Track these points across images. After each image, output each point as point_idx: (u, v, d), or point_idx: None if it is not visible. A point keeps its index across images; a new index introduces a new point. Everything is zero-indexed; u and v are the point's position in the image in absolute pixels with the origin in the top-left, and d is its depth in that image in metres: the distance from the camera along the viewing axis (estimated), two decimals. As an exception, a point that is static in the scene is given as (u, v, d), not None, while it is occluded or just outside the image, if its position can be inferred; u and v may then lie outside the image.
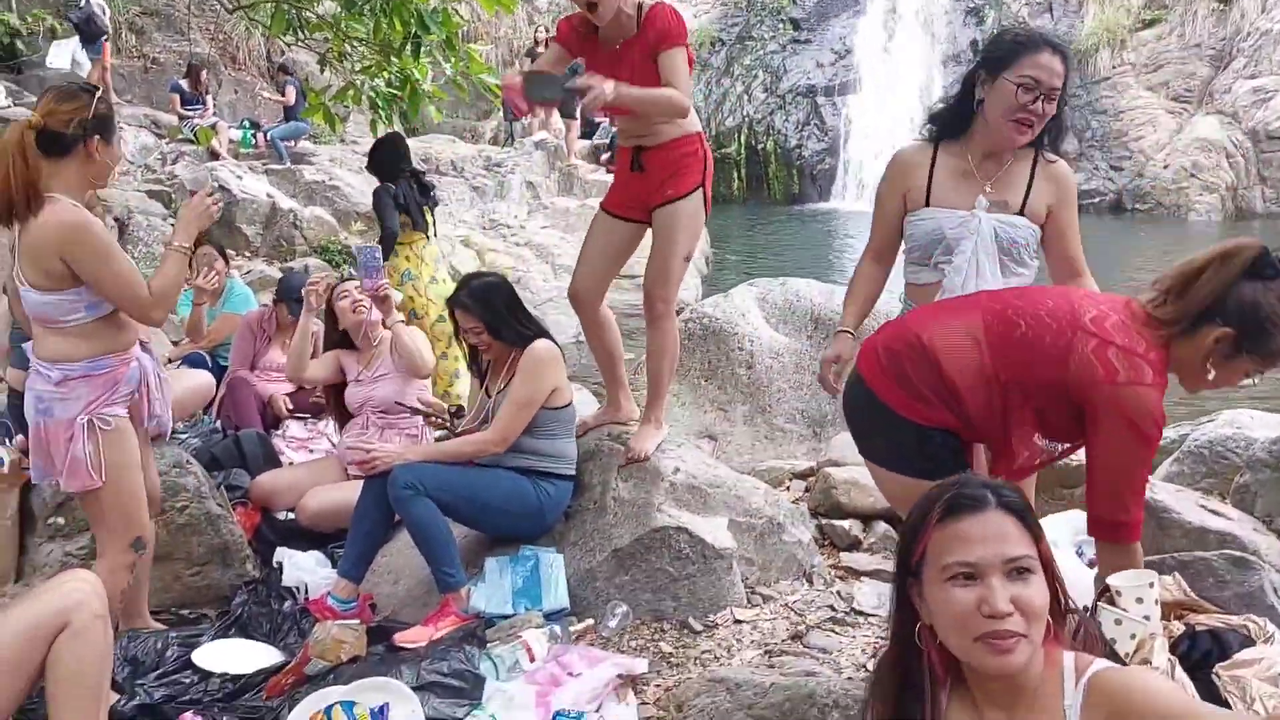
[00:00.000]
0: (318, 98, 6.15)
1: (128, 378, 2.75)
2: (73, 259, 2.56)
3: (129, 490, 2.77)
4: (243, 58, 14.81)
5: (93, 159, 2.66)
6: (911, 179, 2.56)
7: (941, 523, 1.44)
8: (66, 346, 2.65)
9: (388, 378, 4.12)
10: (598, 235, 3.36)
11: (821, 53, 20.09)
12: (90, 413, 2.66)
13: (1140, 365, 1.98)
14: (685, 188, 3.18)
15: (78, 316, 2.64)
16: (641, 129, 3.17)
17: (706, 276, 12.67)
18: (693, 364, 4.77)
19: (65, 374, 2.65)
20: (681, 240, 3.22)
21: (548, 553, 3.19)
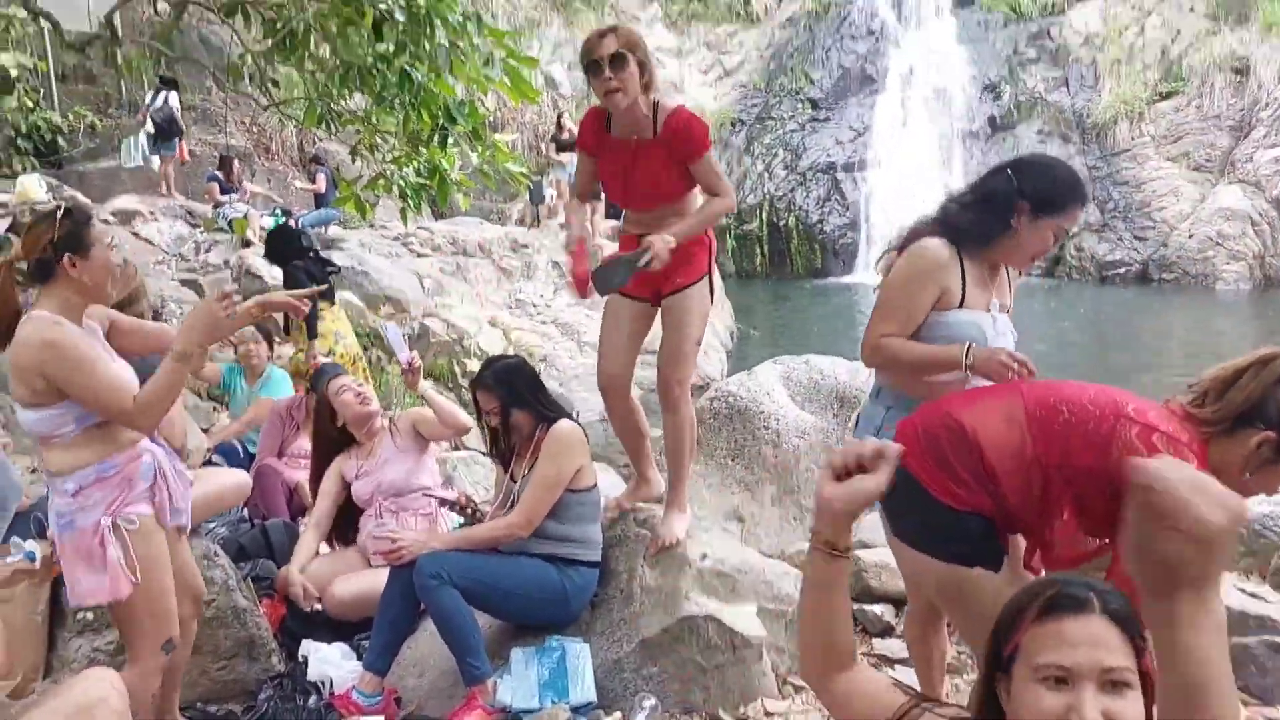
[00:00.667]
0: (349, 187, 6.30)
1: (142, 473, 2.70)
2: (52, 375, 2.52)
3: (160, 590, 2.71)
4: (276, 148, 15.23)
5: (71, 278, 2.59)
6: (949, 279, 2.58)
7: (1039, 620, 1.37)
8: (71, 457, 2.61)
9: (392, 461, 4.09)
10: (614, 320, 3.37)
11: (840, 130, 20.41)
12: (112, 514, 2.62)
13: (1185, 452, 1.97)
14: (694, 276, 3.22)
15: (69, 430, 2.59)
16: (649, 221, 3.21)
17: (731, 352, 12.71)
18: (718, 443, 4.76)
19: (79, 483, 2.61)
20: (692, 325, 3.25)
21: (574, 643, 3.15)
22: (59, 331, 2.55)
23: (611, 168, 3.22)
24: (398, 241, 12.35)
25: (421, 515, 4.04)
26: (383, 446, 4.13)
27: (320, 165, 12.67)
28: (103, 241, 2.67)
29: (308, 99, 6.10)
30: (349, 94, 5.99)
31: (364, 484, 4.07)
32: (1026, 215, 2.49)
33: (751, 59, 21.96)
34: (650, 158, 3.12)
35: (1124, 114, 18.03)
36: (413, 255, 12.13)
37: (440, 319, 10.04)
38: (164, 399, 2.59)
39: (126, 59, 10.49)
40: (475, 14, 5.19)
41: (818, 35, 21.44)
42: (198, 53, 13.14)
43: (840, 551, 1.56)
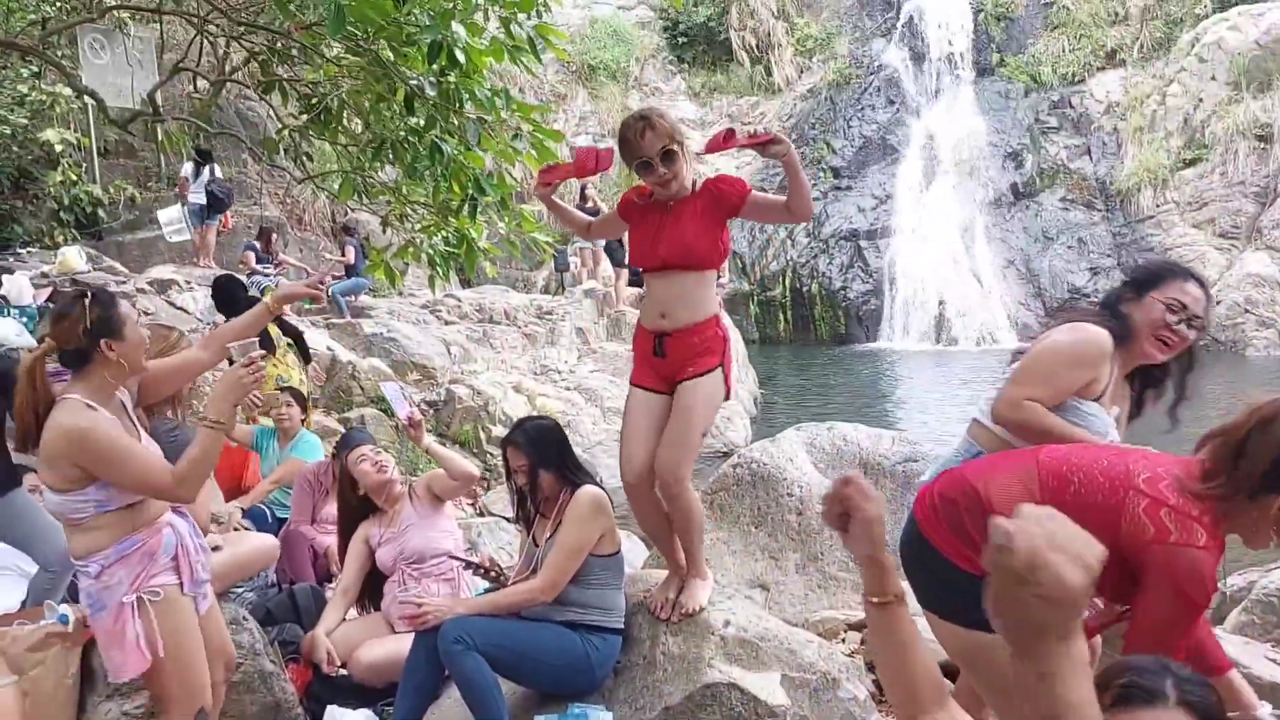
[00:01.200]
0: (379, 255, 6.45)
1: (164, 547, 2.75)
2: (85, 465, 2.58)
3: (189, 660, 2.76)
4: (309, 219, 15.59)
5: (109, 361, 2.67)
6: (1103, 370, 2.62)
7: (1112, 711, 1.31)
8: (90, 540, 2.67)
9: (413, 527, 4.12)
10: (637, 414, 3.30)
11: (862, 198, 20.64)
12: (136, 590, 2.66)
13: (1193, 528, 1.97)
14: (707, 366, 3.18)
15: (88, 514, 2.65)
16: (662, 311, 3.20)
17: (755, 418, 12.71)
18: (742, 510, 4.76)
19: (101, 564, 2.67)
20: (700, 415, 3.18)
21: (597, 710, 3.15)
22: (90, 419, 2.60)
23: (644, 228, 3.23)
24: (426, 309, 12.55)
25: (444, 580, 4.06)
26: (404, 513, 4.17)
27: (350, 235, 12.94)
28: (132, 319, 2.75)
29: (341, 172, 6.28)
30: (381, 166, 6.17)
31: (387, 551, 4.11)
32: (1130, 301, 2.62)
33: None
34: (686, 214, 3.14)
35: (1148, 181, 18.12)
36: (440, 322, 12.30)
37: (466, 385, 10.14)
38: (202, 468, 2.67)
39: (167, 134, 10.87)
40: (503, 89, 5.35)
41: (839, 105, 21.80)
42: (235, 128, 13.55)
43: (885, 599, 1.54)
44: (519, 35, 4.91)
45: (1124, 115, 19.09)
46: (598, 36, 23.70)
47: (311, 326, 10.73)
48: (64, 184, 13.30)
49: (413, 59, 5.31)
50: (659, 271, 3.21)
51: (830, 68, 22.40)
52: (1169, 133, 18.46)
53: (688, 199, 3.18)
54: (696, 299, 3.18)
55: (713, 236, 3.15)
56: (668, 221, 3.17)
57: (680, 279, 3.17)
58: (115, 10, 8.24)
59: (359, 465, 4.18)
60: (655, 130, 3.04)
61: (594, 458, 10.03)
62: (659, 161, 3.05)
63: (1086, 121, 19.57)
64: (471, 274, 6.72)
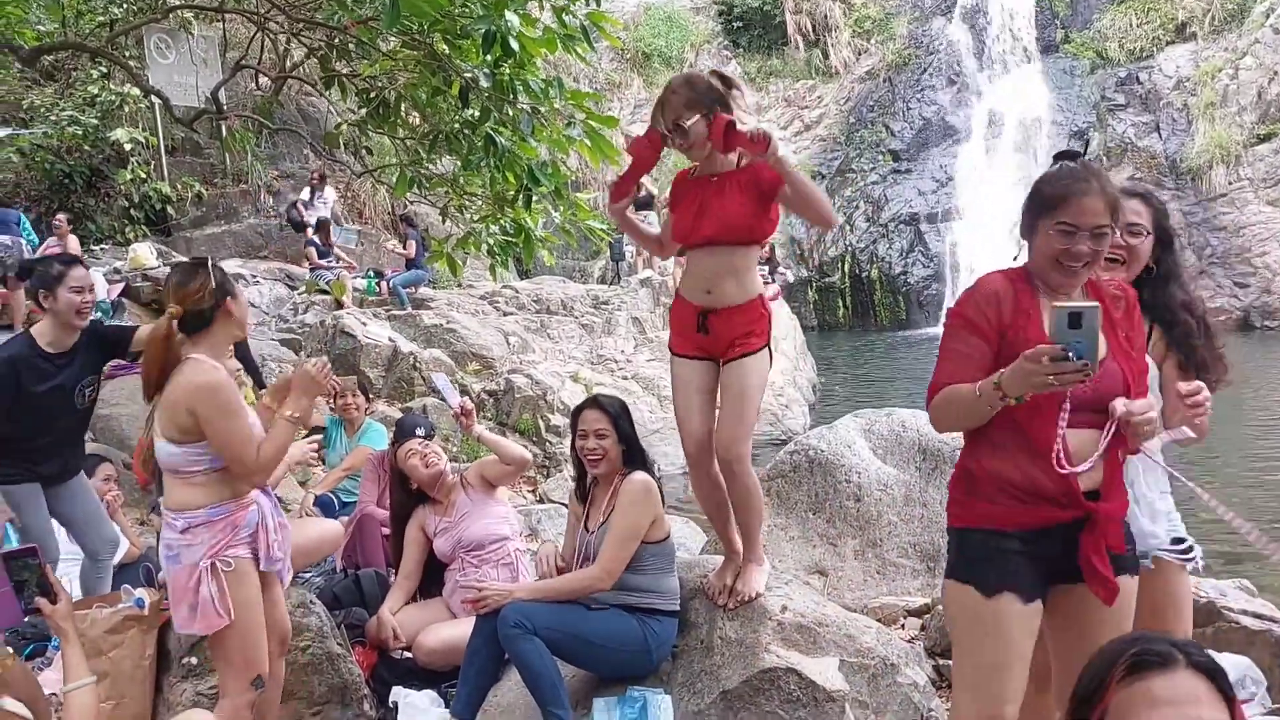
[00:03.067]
0: (440, 246, 6.54)
1: (247, 521, 2.89)
2: (200, 414, 2.75)
3: (252, 629, 2.87)
4: (369, 212, 15.82)
5: (232, 316, 2.94)
6: None
7: (1124, 682, 1.33)
8: (189, 496, 2.83)
9: (469, 515, 4.18)
10: (687, 388, 3.30)
11: (922, 181, 20.33)
12: (213, 556, 2.80)
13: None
14: (754, 346, 3.18)
15: (199, 469, 2.82)
16: (707, 287, 3.19)
17: (813, 405, 12.63)
18: (799, 497, 4.74)
19: (189, 522, 2.81)
20: (753, 393, 3.19)
21: (655, 694, 3.17)
22: (218, 375, 2.82)
23: (687, 204, 3.22)
24: (484, 300, 12.67)
25: (503, 565, 4.13)
26: (459, 502, 4.23)
27: (411, 227, 13.12)
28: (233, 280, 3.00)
29: (399, 165, 6.37)
30: (438, 158, 6.25)
31: (444, 540, 4.18)
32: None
33: (831, 113, 22.09)
34: (729, 187, 3.12)
35: (1219, 158, 17.56)
36: (498, 313, 12.42)
37: (525, 375, 10.23)
38: (279, 456, 2.89)
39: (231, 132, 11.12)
40: (557, 79, 5.37)
41: (898, 87, 21.48)
42: (296, 124, 13.81)
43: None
44: (572, 24, 4.93)
45: (1194, 90, 18.49)
46: (651, 23, 23.64)
47: (374, 318, 10.92)
48: (134, 182, 13.67)
49: (467, 51, 5.37)
50: (703, 247, 3.19)
51: (889, 49, 22.06)
52: (1242, 108, 17.85)
53: (732, 173, 3.16)
54: (741, 276, 3.17)
55: (755, 211, 3.11)
56: (711, 195, 3.16)
57: (725, 254, 3.15)
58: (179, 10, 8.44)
59: (408, 460, 4.23)
60: (676, 96, 3.08)
61: (651, 446, 10.01)
62: (675, 132, 3.08)
63: (1155, 97, 19.01)
64: (529, 262, 6.77)
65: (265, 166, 15.14)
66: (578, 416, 3.45)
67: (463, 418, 4.14)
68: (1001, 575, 2.14)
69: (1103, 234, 2.14)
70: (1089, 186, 2.13)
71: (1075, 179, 2.15)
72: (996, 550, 2.15)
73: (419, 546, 4.23)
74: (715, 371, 3.26)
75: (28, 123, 13.64)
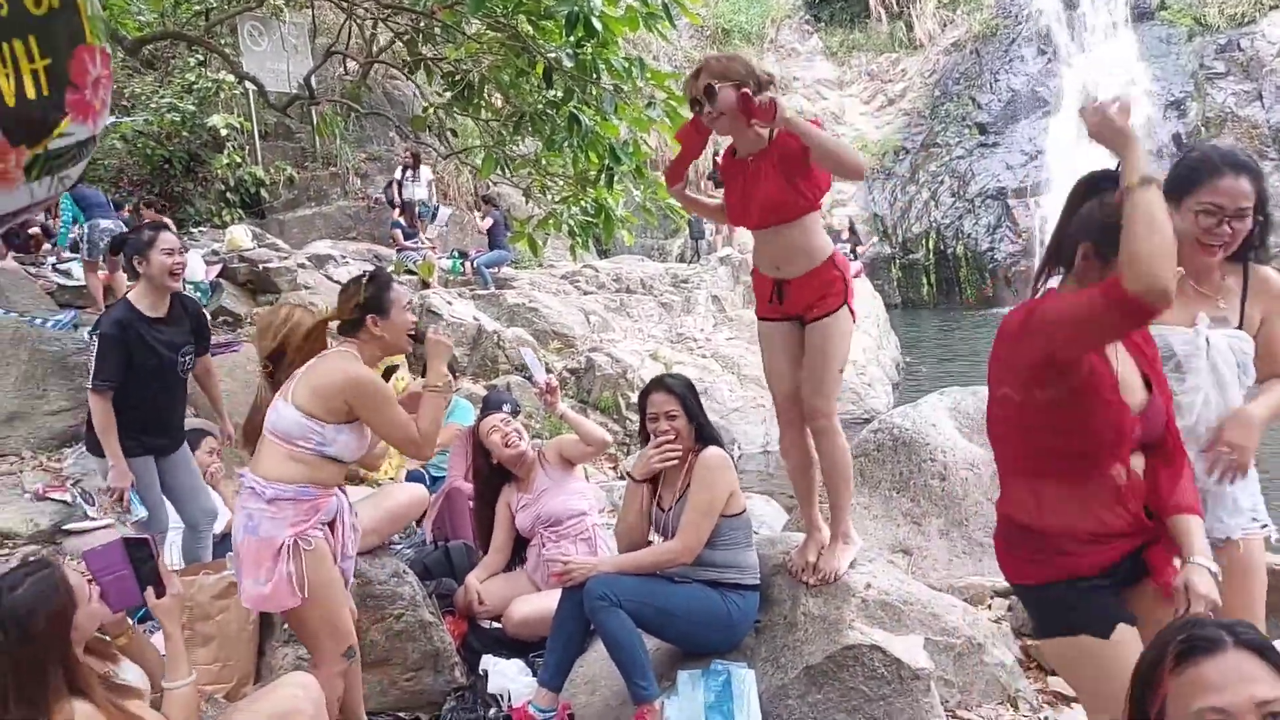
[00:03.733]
0: (523, 226, 6.64)
1: (328, 509, 2.97)
2: (358, 406, 2.88)
3: (333, 604, 2.96)
4: (453, 193, 16.08)
5: (373, 334, 3.01)
6: None
7: (1177, 669, 1.34)
8: (285, 469, 2.88)
9: (549, 491, 4.24)
10: (769, 345, 3.38)
11: (1011, 154, 19.80)
12: (295, 534, 2.87)
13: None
14: (835, 304, 3.20)
15: (311, 445, 2.88)
16: (775, 263, 3.23)
17: (897, 384, 12.48)
18: (883, 476, 4.72)
19: (277, 494, 2.87)
20: (835, 354, 3.23)
21: (739, 668, 3.21)
22: (363, 369, 2.94)
23: (732, 187, 3.27)
24: (565, 280, 12.80)
25: (581, 540, 4.19)
26: (538, 478, 4.30)
27: (494, 207, 13.29)
28: (401, 303, 3.05)
29: (484, 147, 6.47)
30: (521, 139, 6.33)
31: (525, 516, 4.27)
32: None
33: (915, 86, 21.64)
34: (765, 170, 3.13)
35: (1327, 126, 16.72)
36: (579, 292, 12.54)
37: (605, 353, 10.32)
38: (437, 429, 3.04)
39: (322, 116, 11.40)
40: (638, 59, 5.39)
41: (985, 58, 20.92)
42: (383, 108, 14.08)
43: None
44: (654, 2, 4.94)
45: (1302, 56, 17.62)
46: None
47: (459, 298, 11.13)
48: (229, 166, 14.13)
49: (550, 32, 5.42)
50: (759, 229, 3.25)
51: (975, 19, 21.48)
52: (1354, 73, 16.96)
53: (763, 153, 3.16)
54: (805, 246, 3.20)
55: (795, 186, 3.10)
56: (750, 180, 3.18)
57: (783, 232, 3.19)
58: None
59: (490, 437, 4.31)
60: (708, 69, 3.08)
61: (731, 424, 10.08)
62: (704, 99, 3.06)
63: (1257, 65, 18.14)
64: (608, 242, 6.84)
65: (354, 150, 15.49)
66: (645, 400, 3.49)
67: (547, 395, 4.21)
68: (1106, 612, 2.10)
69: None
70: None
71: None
72: (1088, 593, 2.11)
73: (507, 522, 4.33)
74: (799, 332, 3.30)
75: (130, 110, 14.19)
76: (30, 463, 6.20)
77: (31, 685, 2.17)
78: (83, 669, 2.24)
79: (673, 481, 3.45)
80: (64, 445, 6.45)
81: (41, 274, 9.83)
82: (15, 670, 2.18)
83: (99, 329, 4.06)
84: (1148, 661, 1.41)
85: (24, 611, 2.19)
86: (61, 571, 2.30)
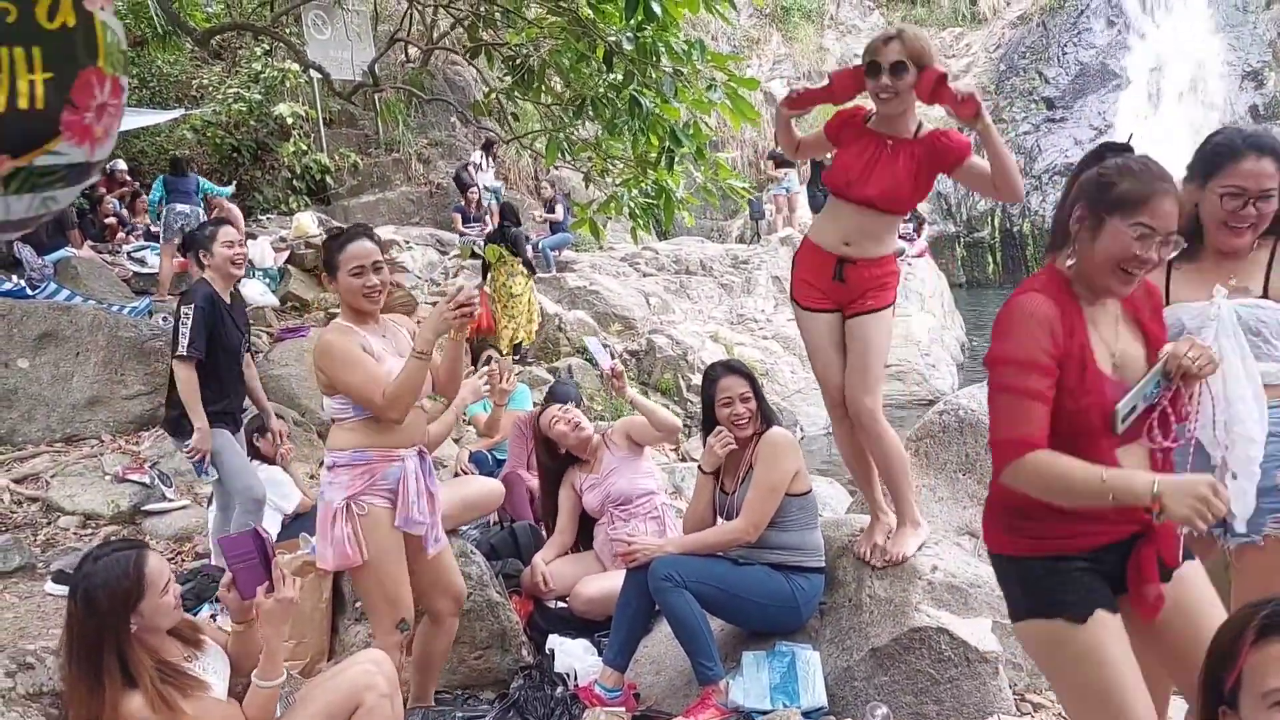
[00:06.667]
0: (584, 211, 6.67)
1: (386, 474, 3.03)
2: (325, 371, 3.02)
3: (387, 574, 3.04)
4: (514, 178, 16.18)
5: (336, 291, 3.15)
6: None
7: (1259, 644, 1.32)
8: (339, 438, 3.07)
9: (617, 470, 4.27)
10: (817, 339, 3.33)
11: (1079, 129, 19.29)
12: (348, 497, 2.99)
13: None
14: (885, 302, 3.19)
15: (348, 415, 3.04)
16: (847, 239, 3.18)
17: (962, 365, 12.30)
18: (949, 457, 4.65)
19: (334, 460, 3.05)
20: (880, 347, 3.21)
21: (804, 649, 3.21)
22: (336, 334, 3.05)
23: (858, 154, 3.15)
24: (625, 262, 12.82)
25: (650, 519, 4.22)
26: (605, 459, 4.33)
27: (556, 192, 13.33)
28: (348, 265, 3.06)
29: (546, 132, 6.50)
30: (582, 123, 6.35)
31: (593, 495, 4.30)
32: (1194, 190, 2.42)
33: (979, 61, 21.17)
34: (903, 157, 3.07)
35: None
36: (639, 275, 12.55)
37: (665, 335, 10.34)
38: (407, 392, 2.97)
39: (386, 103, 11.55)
40: (698, 41, 5.37)
41: (1052, 31, 20.38)
42: (443, 93, 14.21)
43: None
44: (715, -18, 4.91)
45: (1391, 21, 16.88)
46: (791, -24, 23.12)
47: (520, 281, 11.22)
48: (296, 154, 14.38)
49: (610, 15, 5.42)
50: (858, 204, 3.16)
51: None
52: None
53: (909, 143, 3.10)
54: (883, 236, 3.20)
55: (921, 185, 3.12)
56: (883, 159, 3.10)
57: (876, 216, 3.16)
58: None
59: (555, 428, 4.31)
60: (903, 41, 2.97)
61: (793, 406, 10.02)
62: (887, 70, 2.97)
63: (1343, 31, 17.44)
64: (668, 225, 6.81)
65: (416, 136, 15.65)
66: (714, 385, 3.47)
67: (614, 380, 4.24)
68: (1084, 596, 1.96)
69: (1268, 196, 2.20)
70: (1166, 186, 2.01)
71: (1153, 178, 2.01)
72: (1068, 574, 1.97)
73: (571, 505, 4.37)
74: (842, 325, 3.28)
75: (199, 101, 14.52)
76: (110, 446, 6.42)
77: (88, 658, 2.29)
78: (136, 656, 2.31)
79: (735, 465, 3.46)
80: (142, 429, 6.67)
81: (117, 262, 10.15)
82: (79, 637, 2.31)
83: (192, 301, 4.30)
84: (1227, 634, 1.39)
85: (92, 585, 2.31)
86: (142, 558, 2.37)
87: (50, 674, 2.86)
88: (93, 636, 2.29)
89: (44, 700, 2.80)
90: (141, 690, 2.28)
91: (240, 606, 2.57)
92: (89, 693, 2.27)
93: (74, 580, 2.37)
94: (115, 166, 12.21)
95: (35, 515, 5.62)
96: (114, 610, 2.30)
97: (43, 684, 2.86)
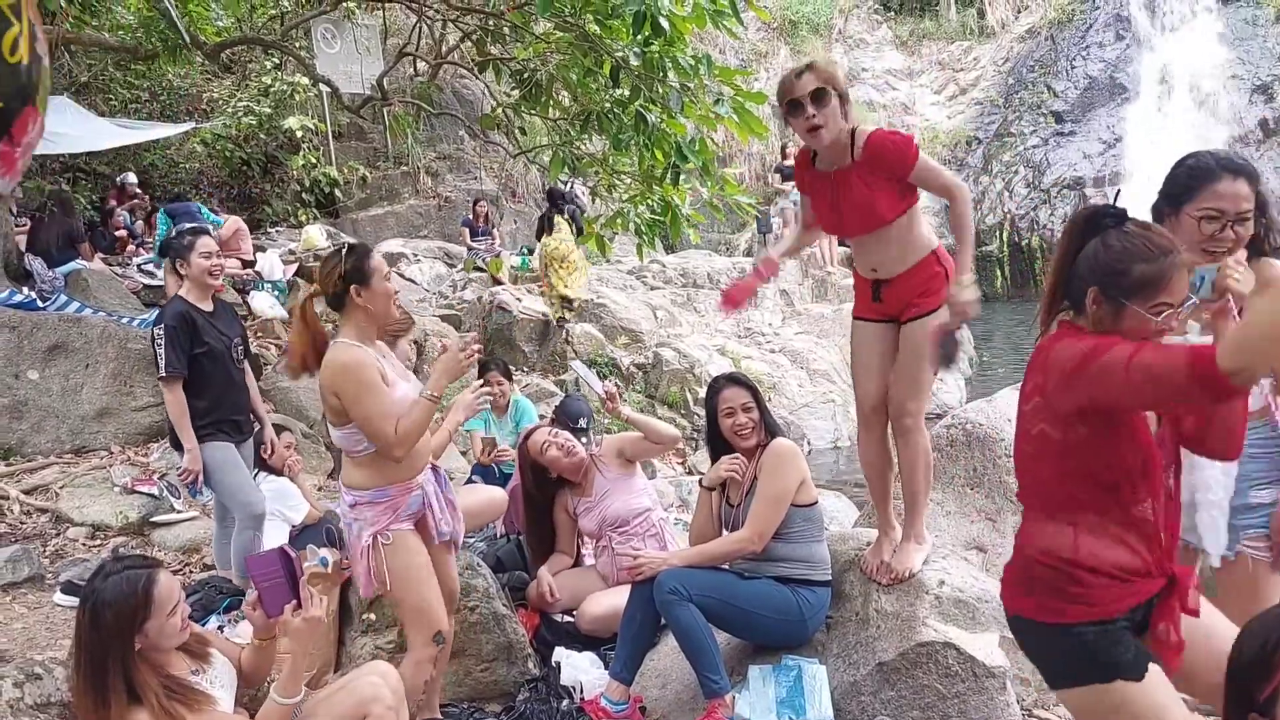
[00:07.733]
0: (591, 225, 6.69)
1: (409, 505, 3.06)
2: (341, 394, 2.91)
3: (419, 591, 3.06)
4: (522, 192, 16.23)
5: (358, 304, 2.99)
6: None
7: None
8: (357, 476, 3.03)
9: (611, 492, 4.24)
10: (864, 348, 3.34)
11: (1088, 143, 19.28)
12: (374, 533, 3.01)
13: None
14: (933, 305, 3.14)
15: (364, 448, 2.99)
16: (876, 259, 3.19)
17: (970, 379, 12.26)
18: (956, 471, 4.65)
19: (355, 499, 3.03)
20: (930, 353, 3.15)
21: (810, 663, 3.21)
22: (355, 355, 2.95)
23: (819, 202, 3.22)
24: (632, 275, 12.83)
25: (650, 536, 4.20)
26: (596, 481, 4.29)
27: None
28: (381, 272, 3.05)
29: (553, 146, 6.53)
30: (589, 138, 6.38)
31: (589, 519, 4.27)
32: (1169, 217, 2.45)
33: (988, 74, 21.18)
34: (853, 183, 3.07)
35: None
36: (646, 288, 12.55)
37: (672, 348, 10.33)
38: (417, 432, 2.97)
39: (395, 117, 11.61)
40: (706, 56, 5.39)
41: (1060, 45, 20.40)
42: (451, 107, 14.27)
43: None
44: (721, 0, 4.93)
45: (1402, 34, 16.84)
46: (799, -11, 23.18)
47: (528, 294, 11.24)
48: (305, 167, 14.44)
49: (618, 31, 5.45)
50: (857, 237, 3.22)
51: (1051, 4, 20.93)
52: None
53: (850, 169, 3.08)
54: (904, 248, 3.16)
55: (888, 193, 3.06)
56: (840, 193, 3.12)
57: (880, 236, 3.15)
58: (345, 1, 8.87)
59: (547, 454, 4.24)
60: (814, 71, 2.98)
61: (801, 420, 10.01)
62: (808, 101, 2.95)
63: (1353, 44, 17.40)
64: (675, 240, 6.85)
65: (424, 149, 15.72)
66: (716, 397, 3.50)
67: (609, 402, 4.24)
68: (1138, 654, 1.98)
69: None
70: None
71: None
72: (1117, 634, 1.98)
73: (569, 529, 4.37)
74: (895, 334, 3.27)
75: (209, 114, 14.60)
76: (119, 457, 6.45)
77: (95, 673, 2.31)
78: (141, 675, 2.32)
79: (740, 478, 3.46)
80: (151, 440, 6.70)
81: (127, 274, 10.20)
82: (87, 651, 2.32)
83: (160, 322, 4.28)
84: (1261, 642, 1.38)
85: (100, 601, 2.33)
86: (151, 580, 2.38)
87: (58, 685, 2.88)
88: (99, 652, 2.31)
89: (51, 711, 2.82)
90: (147, 707, 2.29)
91: (265, 624, 2.59)
92: (95, 708, 2.29)
93: (84, 594, 2.38)
94: (125, 179, 12.28)
95: (45, 526, 5.64)
96: (120, 629, 2.31)
97: (50, 695, 2.87)
